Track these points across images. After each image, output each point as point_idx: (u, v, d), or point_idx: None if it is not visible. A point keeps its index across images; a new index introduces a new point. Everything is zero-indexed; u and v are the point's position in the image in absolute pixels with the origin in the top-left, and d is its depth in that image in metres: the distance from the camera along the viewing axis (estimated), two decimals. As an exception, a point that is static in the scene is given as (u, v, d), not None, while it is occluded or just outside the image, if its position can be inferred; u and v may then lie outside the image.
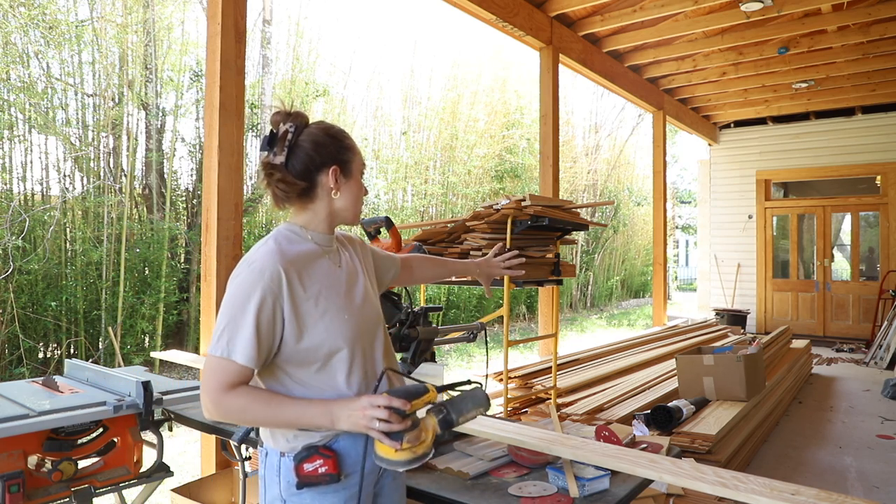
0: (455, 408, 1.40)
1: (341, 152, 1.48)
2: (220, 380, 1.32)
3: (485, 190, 12.43)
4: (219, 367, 1.32)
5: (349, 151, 1.50)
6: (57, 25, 7.03)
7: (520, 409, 4.26)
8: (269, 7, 9.66)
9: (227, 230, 3.26)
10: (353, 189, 1.51)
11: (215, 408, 1.33)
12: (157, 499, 3.06)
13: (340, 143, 1.49)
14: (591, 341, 9.69)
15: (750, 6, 5.99)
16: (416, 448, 1.32)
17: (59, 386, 2.33)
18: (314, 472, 1.37)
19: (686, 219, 24.81)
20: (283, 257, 1.38)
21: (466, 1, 5.05)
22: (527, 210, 3.46)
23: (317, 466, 1.37)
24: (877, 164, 9.95)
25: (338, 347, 1.40)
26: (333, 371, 1.41)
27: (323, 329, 1.39)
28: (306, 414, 1.35)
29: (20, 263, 6.27)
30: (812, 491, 1.49)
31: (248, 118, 9.08)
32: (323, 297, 1.41)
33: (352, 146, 1.52)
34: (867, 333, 9.71)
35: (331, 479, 1.37)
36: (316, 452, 1.37)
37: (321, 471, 1.37)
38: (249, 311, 1.32)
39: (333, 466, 1.37)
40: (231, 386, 1.32)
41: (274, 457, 1.43)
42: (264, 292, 1.34)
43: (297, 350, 1.38)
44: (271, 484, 1.44)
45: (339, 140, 1.49)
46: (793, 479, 3.95)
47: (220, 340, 1.33)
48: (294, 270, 1.38)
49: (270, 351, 1.37)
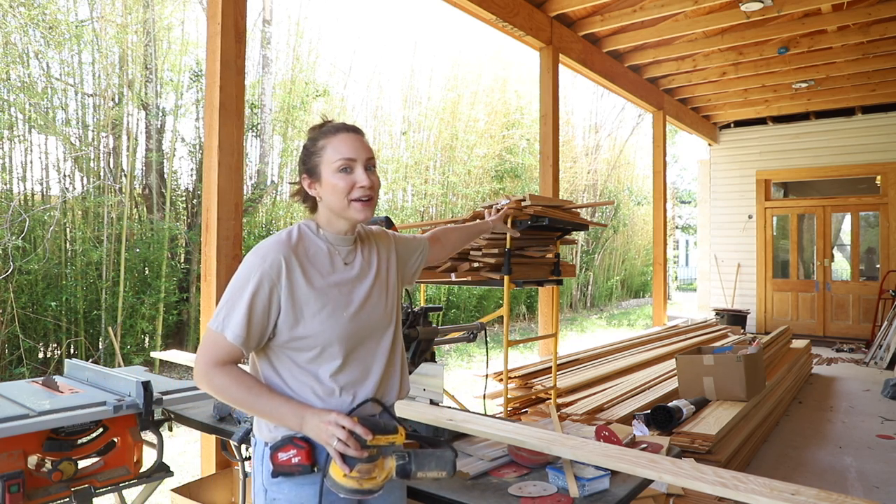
0: (418, 461, 1.38)
1: (309, 159, 1.51)
2: (212, 353, 1.40)
3: (485, 190, 12.43)
4: (213, 341, 1.40)
5: (315, 155, 1.50)
6: (57, 25, 7.02)
7: (520, 409, 4.26)
8: (269, 7, 9.66)
9: (227, 230, 3.26)
10: (328, 189, 1.48)
11: (202, 377, 1.40)
12: (157, 499, 3.06)
13: (309, 150, 1.52)
14: (591, 341, 9.69)
15: (750, 6, 5.99)
16: (364, 481, 1.33)
17: (59, 386, 2.33)
18: (288, 461, 1.39)
19: (686, 219, 24.81)
20: (289, 247, 1.44)
21: (466, 1, 5.05)
22: (527, 210, 3.46)
23: (290, 456, 1.39)
24: (877, 164, 9.95)
25: (329, 343, 1.44)
26: (323, 364, 1.44)
27: (319, 322, 1.43)
28: (280, 410, 1.39)
29: (20, 263, 6.27)
30: (812, 491, 1.49)
31: (248, 118, 9.08)
32: (324, 293, 1.45)
33: (321, 146, 1.49)
34: (867, 333, 9.71)
35: (304, 469, 1.39)
36: (290, 442, 1.40)
37: (294, 461, 1.39)
38: (246, 293, 1.39)
39: (307, 457, 1.39)
40: (221, 362, 1.39)
41: (260, 446, 1.48)
42: (262, 277, 1.40)
43: (291, 336, 1.43)
44: (257, 473, 1.49)
45: (308, 146, 1.52)
46: (793, 479, 3.95)
47: (218, 315, 1.41)
48: (297, 261, 1.44)
49: (262, 334, 1.42)
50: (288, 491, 1.42)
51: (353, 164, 1.48)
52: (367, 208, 1.49)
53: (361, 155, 1.49)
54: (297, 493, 1.41)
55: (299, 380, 1.45)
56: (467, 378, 6.92)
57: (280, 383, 1.46)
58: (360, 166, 1.48)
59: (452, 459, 1.40)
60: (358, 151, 1.49)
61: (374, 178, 1.50)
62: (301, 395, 1.44)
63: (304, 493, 1.41)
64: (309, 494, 1.41)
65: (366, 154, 1.50)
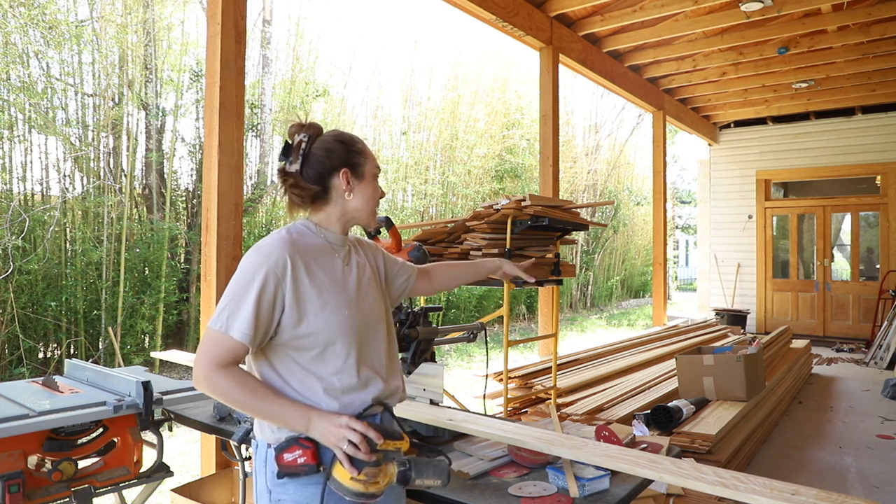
0: (418, 469, 1.42)
1: (351, 156, 1.54)
2: (214, 354, 1.37)
3: (485, 190, 12.43)
4: (215, 341, 1.38)
5: (360, 155, 1.56)
6: (57, 25, 7.02)
7: (520, 409, 4.26)
8: (269, 7, 9.66)
9: (227, 230, 3.26)
10: (365, 190, 1.56)
11: (203, 380, 1.37)
12: (157, 499, 3.06)
13: (350, 148, 1.55)
14: (591, 341, 9.69)
15: (750, 6, 5.99)
16: (369, 485, 1.34)
17: (59, 386, 2.33)
18: (293, 461, 1.39)
19: (686, 219, 24.81)
20: (293, 246, 1.45)
21: (466, 1, 5.05)
22: (527, 210, 3.47)
23: (296, 456, 1.39)
24: (877, 164, 9.95)
25: (333, 340, 1.45)
26: (326, 363, 1.45)
27: (323, 320, 1.44)
28: (285, 413, 1.39)
29: (20, 263, 6.27)
30: (812, 491, 1.49)
31: (248, 118, 9.08)
32: (326, 291, 1.46)
33: (363, 150, 1.57)
34: (867, 333, 9.71)
35: (310, 469, 1.39)
36: (296, 443, 1.40)
37: (300, 461, 1.39)
38: (252, 290, 1.39)
39: (312, 457, 1.39)
40: (223, 363, 1.37)
41: (262, 448, 1.48)
42: (268, 274, 1.40)
43: (294, 335, 1.43)
44: (259, 475, 1.49)
45: (349, 145, 1.55)
46: (793, 479, 3.95)
47: (220, 315, 1.39)
48: (301, 259, 1.45)
49: (267, 332, 1.42)
50: (293, 491, 1.42)
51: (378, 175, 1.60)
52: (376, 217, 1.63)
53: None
54: (303, 493, 1.41)
55: (301, 380, 1.45)
56: (467, 378, 6.92)
57: (281, 384, 1.45)
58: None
59: (448, 469, 1.46)
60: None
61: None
62: (304, 395, 1.44)
63: (308, 492, 1.41)
64: (314, 493, 1.41)
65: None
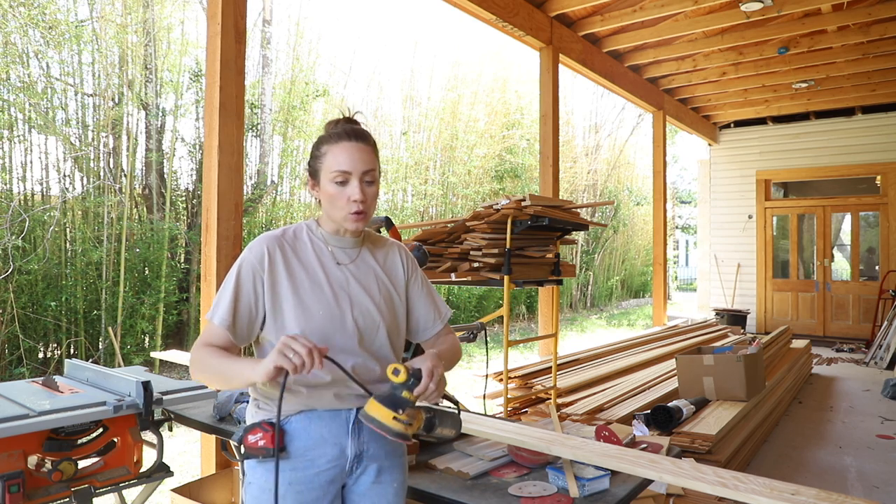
0: (441, 418, 1.50)
1: (313, 162, 1.53)
2: (202, 338, 1.46)
3: (485, 190, 12.43)
4: (206, 328, 1.48)
5: (317, 159, 1.51)
6: (57, 25, 7.02)
7: (520, 409, 4.26)
8: (269, 7, 9.66)
9: (227, 230, 3.26)
10: (324, 193, 1.50)
11: (191, 360, 1.45)
12: (157, 499, 3.06)
13: (313, 153, 1.53)
14: (591, 341, 9.69)
15: (750, 6, 5.99)
16: (408, 427, 1.37)
17: (59, 386, 2.33)
18: (255, 444, 1.44)
19: (686, 219, 24.81)
20: (276, 240, 1.51)
21: (466, 1, 5.05)
22: (527, 210, 3.47)
23: (257, 439, 1.44)
24: (877, 164, 9.95)
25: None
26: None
27: (293, 317, 1.45)
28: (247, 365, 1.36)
29: (20, 263, 6.27)
30: (812, 491, 1.49)
31: (248, 118, 9.07)
32: (303, 288, 1.48)
33: (323, 152, 1.49)
34: (867, 333, 9.71)
35: (266, 452, 1.43)
36: (259, 426, 1.45)
37: (260, 444, 1.44)
38: (232, 280, 1.47)
39: (270, 441, 1.43)
40: (206, 344, 1.44)
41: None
42: (245, 265, 1.47)
43: (274, 327, 1.47)
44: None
45: (314, 149, 1.54)
46: (793, 479, 3.95)
47: (212, 306, 1.49)
48: (281, 253, 1.49)
49: (250, 322, 1.47)
50: (259, 476, 1.47)
51: (349, 177, 1.47)
52: (358, 220, 1.49)
53: (358, 168, 1.47)
54: (267, 479, 1.43)
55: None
56: (467, 378, 6.92)
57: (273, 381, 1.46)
58: (356, 179, 1.47)
59: (461, 421, 1.57)
60: (355, 164, 1.47)
61: (369, 191, 1.48)
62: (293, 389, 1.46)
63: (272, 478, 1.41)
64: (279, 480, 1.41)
65: (363, 167, 1.47)
